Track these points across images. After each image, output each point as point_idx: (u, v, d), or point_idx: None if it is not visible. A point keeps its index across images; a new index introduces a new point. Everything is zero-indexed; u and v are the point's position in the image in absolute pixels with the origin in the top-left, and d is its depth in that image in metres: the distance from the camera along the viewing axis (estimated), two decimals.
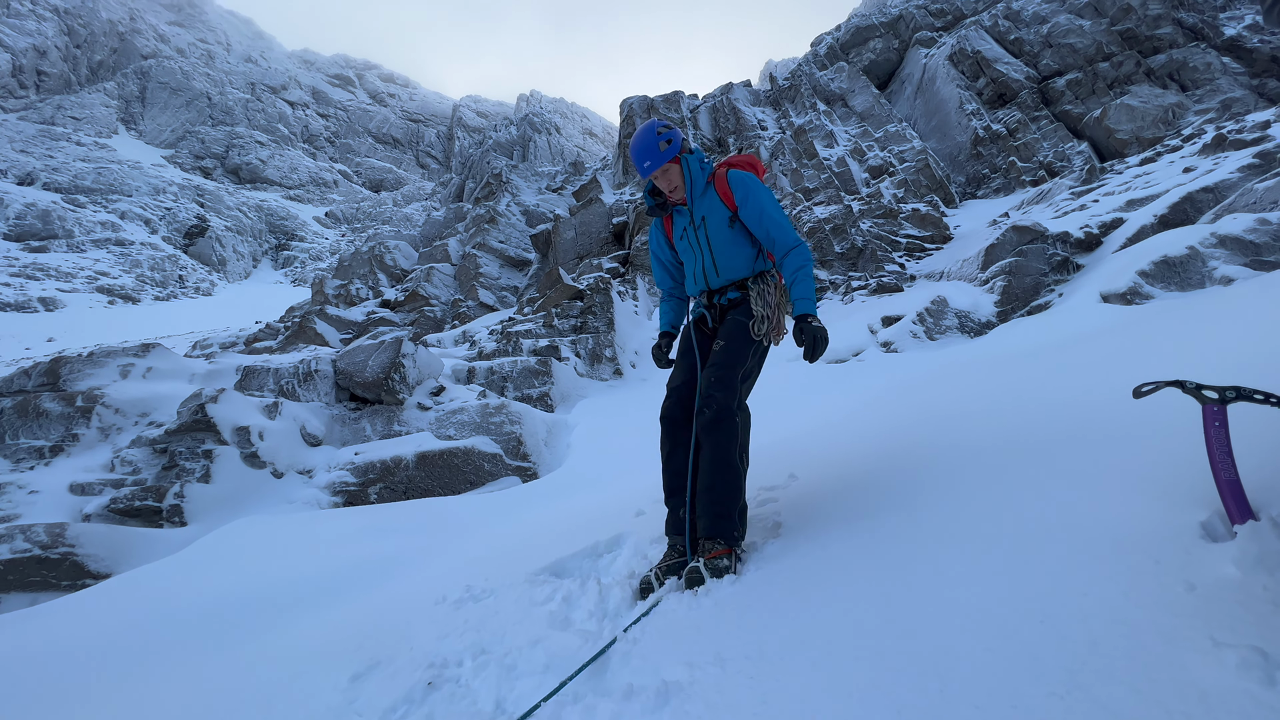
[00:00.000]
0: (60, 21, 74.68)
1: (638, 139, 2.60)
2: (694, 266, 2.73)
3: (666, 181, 2.64)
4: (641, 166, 2.60)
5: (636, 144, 2.60)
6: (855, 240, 14.18)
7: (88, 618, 3.63)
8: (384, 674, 2.20)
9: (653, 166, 2.59)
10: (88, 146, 64.52)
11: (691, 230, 2.69)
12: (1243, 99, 16.19)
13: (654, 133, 2.58)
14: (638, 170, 2.62)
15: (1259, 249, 7.51)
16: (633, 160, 2.61)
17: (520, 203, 27.67)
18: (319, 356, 8.60)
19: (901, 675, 1.35)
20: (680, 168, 2.63)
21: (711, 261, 2.68)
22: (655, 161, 2.58)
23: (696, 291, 2.78)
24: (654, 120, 2.63)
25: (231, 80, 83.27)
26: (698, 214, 2.68)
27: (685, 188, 2.66)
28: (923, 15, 24.41)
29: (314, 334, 19.96)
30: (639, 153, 2.59)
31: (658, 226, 2.90)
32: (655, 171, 2.61)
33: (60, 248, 50.61)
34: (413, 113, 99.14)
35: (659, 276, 2.99)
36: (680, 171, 2.63)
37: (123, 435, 6.62)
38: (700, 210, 2.67)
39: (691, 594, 2.14)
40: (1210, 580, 1.23)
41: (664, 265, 2.95)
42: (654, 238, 2.92)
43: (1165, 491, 1.63)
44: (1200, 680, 1.03)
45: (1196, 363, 3.13)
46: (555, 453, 7.53)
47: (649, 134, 2.58)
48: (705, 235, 2.66)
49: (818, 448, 3.73)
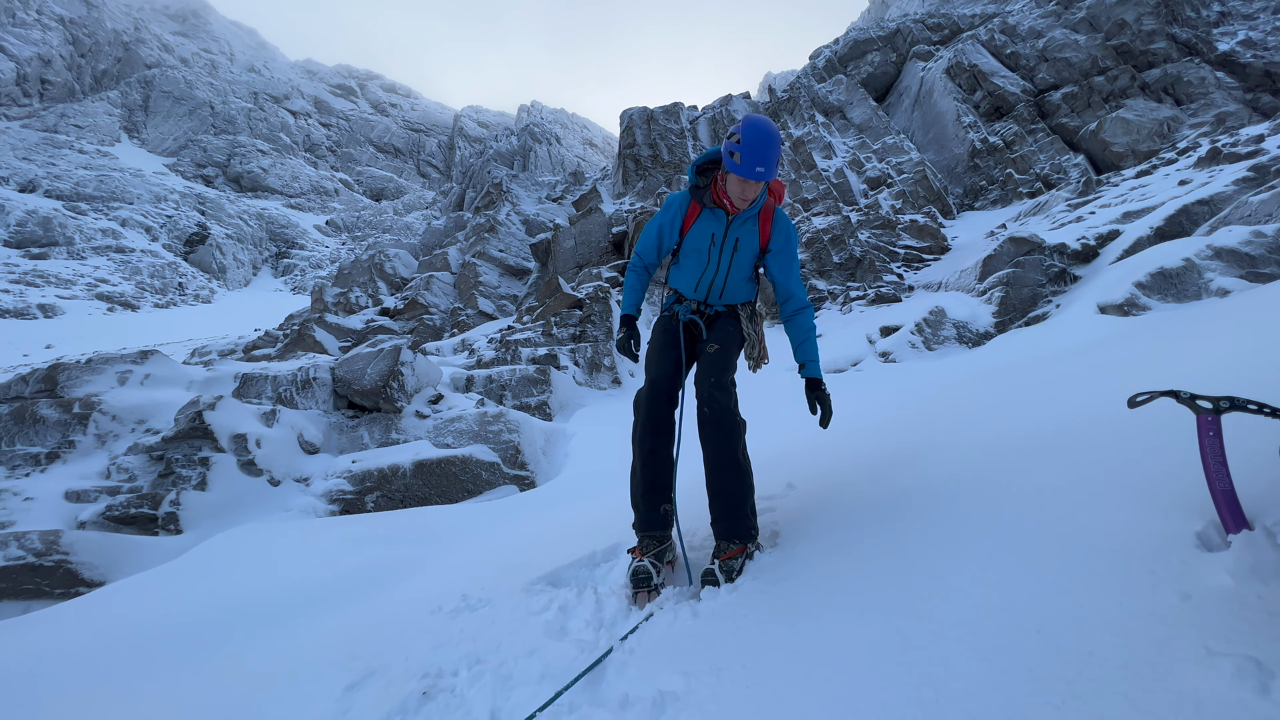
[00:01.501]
0: (65, 31, 75.28)
1: (770, 140, 2.28)
2: (702, 275, 2.68)
3: (746, 190, 2.40)
4: (755, 170, 2.28)
5: (767, 143, 2.27)
6: (853, 251, 14.24)
7: (81, 626, 3.60)
8: (379, 684, 2.18)
9: (767, 175, 2.31)
10: (90, 154, 64.83)
11: (719, 244, 2.58)
12: (1237, 113, 16.34)
13: (780, 143, 2.32)
14: (750, 167, 2.28)
15: (1254, 261, 7.56)
16: (754, 158, 2.27)
17: (520, 212, 27.79)
18: (317, 364, 8.60)
19: (897, 686, 1.34)
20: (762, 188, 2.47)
21: (724, 281, 2.67)
22: (770, 172, 2.32)
23: (691, 297, 2.76)
24: (774, 127, 2.33)
25: (234, 89, 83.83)
26: (733, 234, 2.57)
27: (746, 206, 2.49)
28: (920, 29, 24.68)
29: (313, 342, 19.96)
30: (766, 155, 2.27)
31: (680, 206, 2.64)
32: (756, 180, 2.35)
33: (61, 255, 50.68)
34: (414, 122, 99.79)
35: (648, 246, 2.75)
36: (756, 190, 2.44)
37: (119, 442, 6.60)
38: (737, 232, 2.58)
39: (688, 604, 2.14)
40: (1205, 590, 1.23)
41: (660, 242, 2.73)
42: (670, 213, 2.65)
43: (1161, 501, 1.63)
44: (1195, 690, 1.03)
45: (1192, 374, 3.14)
46: (553, 461, 7.52)
47: (778, 141, 2.30)
48: (731, 257, 2.60)
49: (816, 457, 3.73)
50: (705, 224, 2.59)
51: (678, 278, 2.77)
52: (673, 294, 2.82)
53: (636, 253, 2.80)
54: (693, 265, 2.68)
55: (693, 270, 2.69)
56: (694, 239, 2.63)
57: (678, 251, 2.72)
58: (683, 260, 2.71)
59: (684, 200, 2.64)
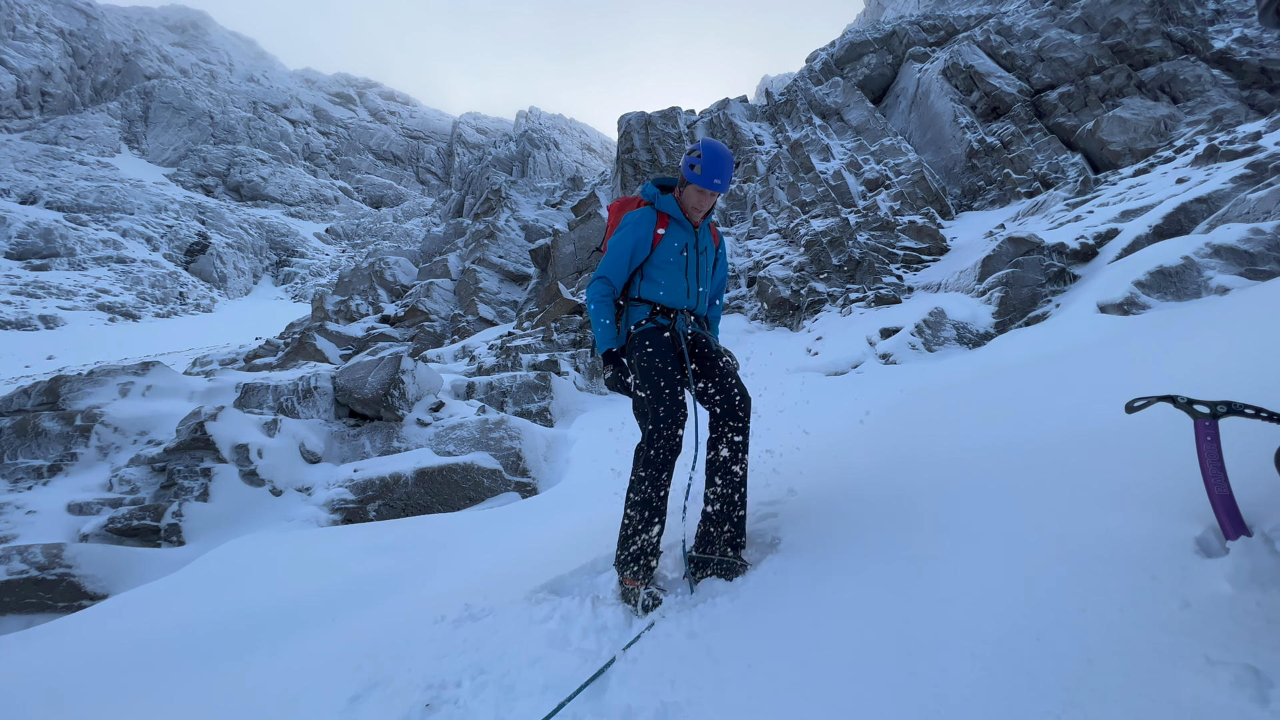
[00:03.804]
0: (65, 43, 75.70)
1: (726, 159, 2.64)
2: (684, 285, 2.74)
3: (703, 201, 2.70)
4: (714, 183, 2.62)
5: (725, 162, 2.63)
6: (853, 253, 14.26)
7: (84, 639, 3.60)
8: (382, 695, 2.19)
9: (722, 187, 2.65)
10: (90, 165, 65.10)
11: (694, 252, 2.77)
12: (1233, 110, 16.36)
13: (733, 162, 2.75)
14: (709, 179, 2.62)
15: (1254, 258, 7.55)
16: (713, 171, 2.61)
17: (519, 218, 27.86)
18: (318, 373, 8.62)
19: (900, 695, 1.34)
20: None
21: (705, 287, 2.87)
22: (725, 186, 2.65)
23: (683, 305, 2.77)
24: (729, 150, 2.72)
25: (234, 99, 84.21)
26: (703, 242, 2.81)
27: (702, 218, 2.78)
28: (916, 31, 24.76)
29: (314, 350, 19.99)
30: (723, 170, 2.62)
31: (649, 222, 2.70)
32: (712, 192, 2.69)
33: (62, 266, 50.85)
34: (413, 130, 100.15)
35: (619, 269, 2.70)
36: (711, 202, 2.75)
37: (121, 454, 6.61)
38: (704, 240, 2.83)
39: (690, 613, 2.14)
40: (1204, 596, 1.24)
41: (633, 260, 2.71)
42: (641, 227, 2.68)
43: (1160, 506, 1.64)
44: (1194, 699, 1.03)
45: (1192, 375, 3.14)
46: (555, 468, 7.52)
47: (731, 160, 2.67)
48: (705, 264, 2.84)
49: (816, 462, 3.73)
50: (676, 235, 2.74)
51: (652, 290, 2.72)
52: (646, 306, 2.72)
53: (604, 278, 2.70)
54: (673, 275, 2.72)
55: (675, 280, 2.72)
56: (666, 251, 2.72)
57: (644, 265, 2.74)
58: (655, 274, 2.72)
59: (651, 216, 2.72)
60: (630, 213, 2.74)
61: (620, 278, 2.71)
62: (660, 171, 24.34)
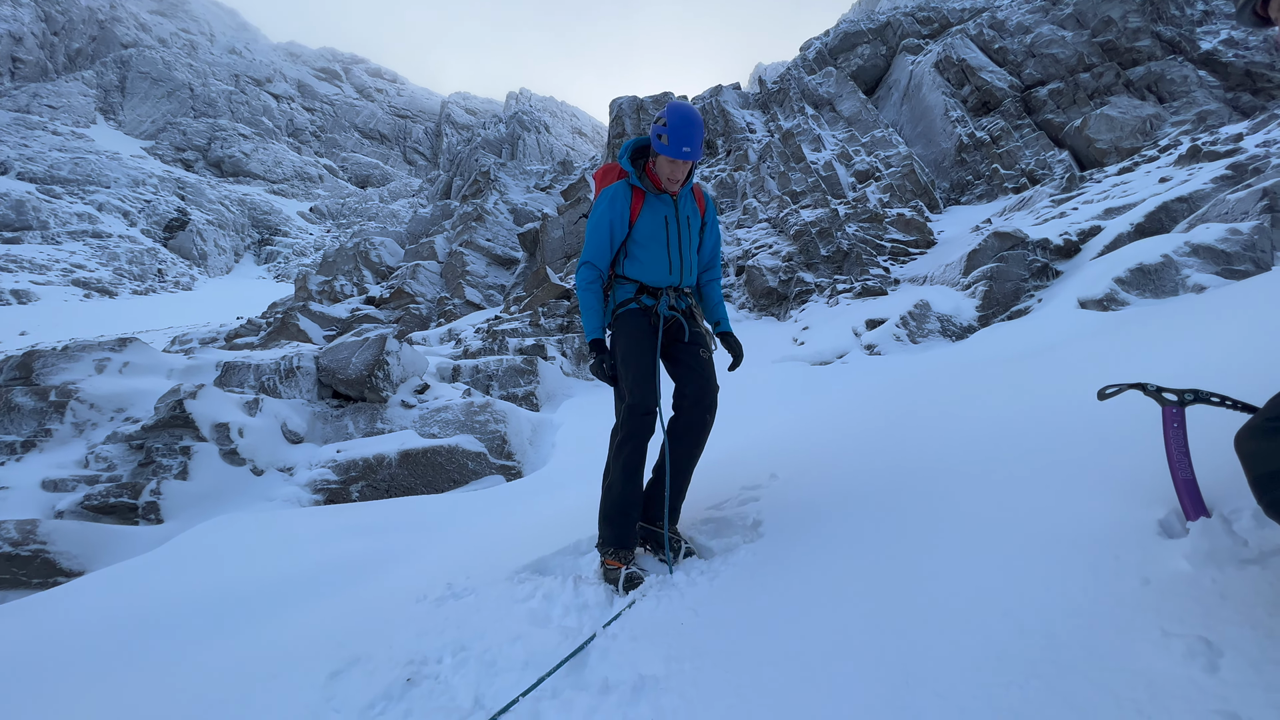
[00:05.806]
0: (37, 7, 73.01)
1: (694, 123, 2.45)
2: (666, 258, 2.65)
3: (676, 170, 2.54)
4: (683, 151, 2.45)
5: (690, 125, 2.44)
6: (841, 244, 14.32)
7: (59, 616, 3.56)
8: (363, 671, 2.19)
9: (693, 155, 2.48)
10: (64, 136, 63.09)
11: (674, 223, 2.65)
12: (1217, 111, 16.60)
13: (703, 127, 2.49)
14: (677, 148, 2.45)
15: (1230, 258, 7.72)
16: (681, 139, 2.44)
17: (508, 201, 27.56)
18: (301, 353, 8.51)
19: (870, 668, 1.39)
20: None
21: (689, 259, 2.73)
22: (696, 153, 2.48)
23: (665, 283, 2.69)
24: (697, 112, 2.51)
25: (215, 71, 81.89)
26: (683, 211, 2.67)
27: (683, 183, 2.62)
28: (910, 23, 24.72)
29: (297, 330, 19.71)
30: (691, 137, 2.44)
31: (625, 197, 2.60)
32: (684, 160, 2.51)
33: (34, 239, 49.43)
34: (400, 108, 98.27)
35: (601, 251, 2.62)
36: (685, 170, 2.59)
37: (98, 431, 6.50)
38: (686, 210, 2.69)
39: (670, 591, 2.17)
40: (1164, 574, 1.29)
41: (613, 239, 2.62)
42: (616, 205, 2.59)
43: (1127, 490, 1.69)
44: (1149, 669, 1.08)
45: (1165, 369, 3.21)
46: (540, 451, 7.53)
47: (700, 124, 2.48)
48: (689, 234, 2.70)
49: (799, 448, 3.77)
50: (654, 209, 2.62)
51: (635, 268, 2.66)
52: (631, 285, 2.69)
53: (589, 263, 2.62)
54: (655, 251, 2.64)
55: (656, 256, 2.65)
56: (646, 226, 2.62)
57: (626, 243, 2.66)
58: (636, 250, 2.64)
59: (626, 191, 2.61)
60: (605, 189, 2.64)
61: (604, 259, 2.64)
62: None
